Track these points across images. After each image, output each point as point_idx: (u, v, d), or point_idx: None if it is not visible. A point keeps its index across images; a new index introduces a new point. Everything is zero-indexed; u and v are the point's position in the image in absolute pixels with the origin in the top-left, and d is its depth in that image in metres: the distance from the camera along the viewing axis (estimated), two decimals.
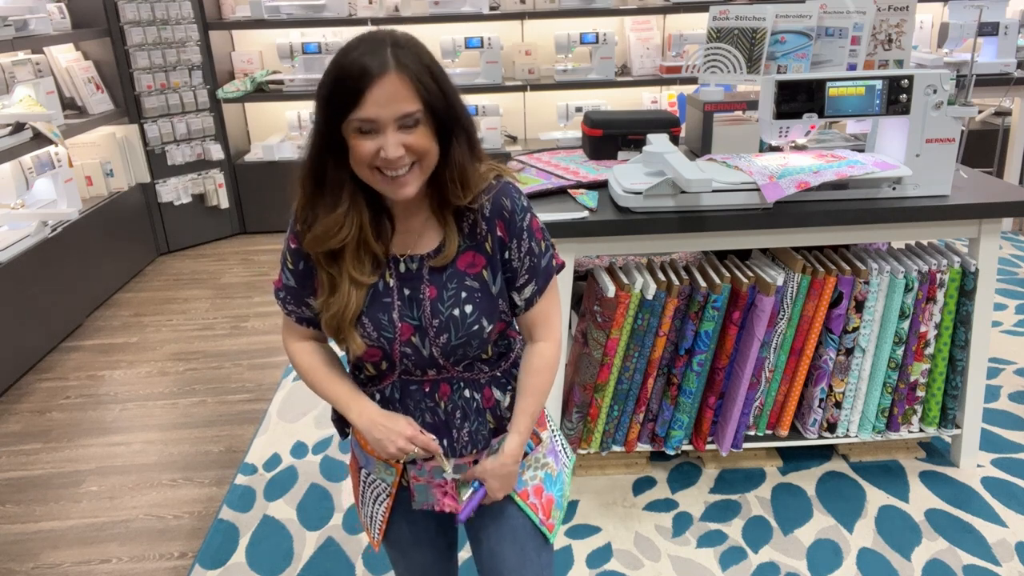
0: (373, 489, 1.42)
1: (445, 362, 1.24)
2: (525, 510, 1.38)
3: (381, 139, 1.09)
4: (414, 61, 1.09)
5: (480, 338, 1.23)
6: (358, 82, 1.06)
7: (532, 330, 1.31)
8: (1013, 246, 4.37)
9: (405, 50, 1.09)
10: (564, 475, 1.46)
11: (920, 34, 5.02)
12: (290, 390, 3.17)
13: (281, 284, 1.28)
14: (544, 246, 1.26)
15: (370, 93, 1.07)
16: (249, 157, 5.09)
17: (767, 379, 2.39)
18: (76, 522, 2.48)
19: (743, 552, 2.21)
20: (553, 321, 1.32)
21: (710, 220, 2.15)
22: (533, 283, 1.26)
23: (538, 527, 1.39)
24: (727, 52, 2.56)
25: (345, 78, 1.07)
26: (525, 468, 1.38)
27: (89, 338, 3.77)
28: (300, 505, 2.48)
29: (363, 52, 1.08)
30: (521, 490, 1.38)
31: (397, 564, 1.52)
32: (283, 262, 1.27)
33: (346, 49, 1.10)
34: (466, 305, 1.21)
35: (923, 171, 2.21)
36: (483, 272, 1.23)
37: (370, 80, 1.06)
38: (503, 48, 4.94)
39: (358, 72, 1.06)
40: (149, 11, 4.49)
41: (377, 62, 1.07)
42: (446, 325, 1.21)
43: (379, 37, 1.10)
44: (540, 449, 1.41)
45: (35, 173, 3.66)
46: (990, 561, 2.14)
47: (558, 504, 1.43)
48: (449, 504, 1.35)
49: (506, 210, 1.21)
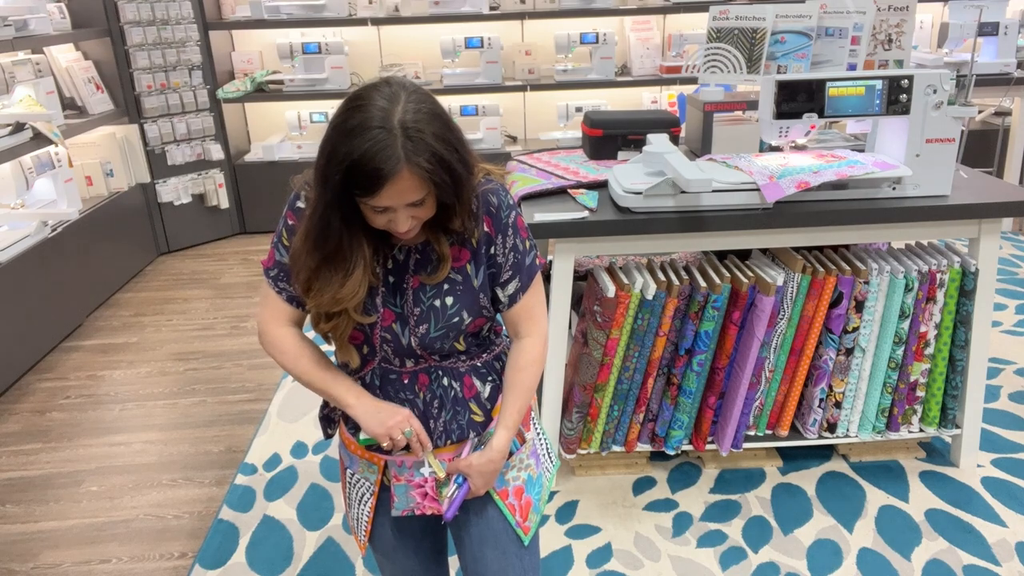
0: (358, 489, 1.43)
1: (423, 352, 1.27)
2: (503, 510, 1.38)
3: (391, 214, 1.13)
4: (424, 152, 1.07)
5: (459, 330, 1.26)
6: (372, 182, 1.07)
7: (517, 327, 1.33)
8: (1013, 246, 4.37)
9: (415, 142, 1.07)
10: (544, 479, 1.46)
11: (920, 34, 5.02)
12: (290, 390, 3.17)
13: (273, 262, 1.27)
14: (528, 245, 1.30)
15: (383, 191, 1.08)
16: (249, 157, 5.08)
17: (767, 379, 2.39)
18: (76, 522, 2.48)
19: (743, 552, 2.21)
20: (537, 317, 1.34)
21: (710, 220, 2.15)
22: (517, 280, 1.29)
23: (514, 528, 1.39)
24: (727, 52, 2.56)
25: (357, 175, 1.07)
26: (509, 468, 1.38)
27: (89, 338, 3.77)
28: (300, 505, 2.48)
29: (375, 147, 1.05)
30: (501, 489, 1.38)
31: (384, 569, 1.52)
32: (277, 239, 1.26)
33: (349, 130, 1.07)
34: (447, 297, 1.24)
35: (923, 171, 2.21)
36: (467, 266, 1.26)
37: (384, 182, 1.07)
38: (503, 48, 4.94)
39: (372, 173, 1.06)
40: (149, 11, 4.48)
41: (390, 164, 1.06)
42: (427, 315, 1.24)
43: (388, 124, 1.06)
44: (524, 449, 1.41)
45: (35, 173, 3.66)
46: (990, 561, 2.14)
47: (536, 507, 1.42)
48: (430, 507, 1.35)
49: (493, 206, 1.25)
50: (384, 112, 1.07)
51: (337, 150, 1.08)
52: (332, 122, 1.11)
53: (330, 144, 1.09)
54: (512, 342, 1.36)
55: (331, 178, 1.09)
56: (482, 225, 1.25)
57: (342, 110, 1.10)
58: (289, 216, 1.25)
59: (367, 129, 1.06)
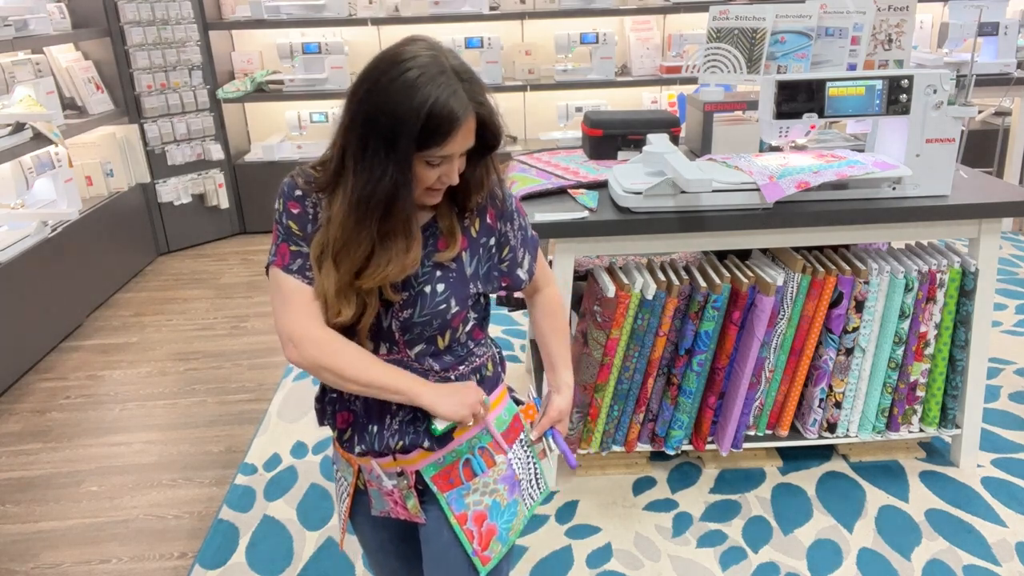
0: (340, 487, 1.43)
1: (400, 337, 1.23)
2: (459, 536, 1.30)
3: (446, 167, 1.13)
4: (481, 93, 1.12)
5: (443, 319, 1.22)
6: (448, 127, 1.08)
7: (535, 286, 1.42)
8: (1013, 246, 4.37)
9: (472, 83, 1.11)
10: (518, 507, 1.35)
11: (920, 34, 5.02)
12: (290, 390, 3.17)
13: (289, 258, 1.19)
14: (526, 220, 1.36)
15: (456, 136, 1.09)
16: (249, 157, 5.09)
17: (767, 379, 2.39)
18: (76, 522, 2.48)
19: (743, 552, 2.21)
20: (547, 272, 1.44)
21: (710, 220, 2.15)
22: (528, 254, 1.35)
23: (469, 556, 1.30)
24: (727, 52, 2.57)
25: (433, 123, 1.07)
26: (471, 491, 1.31)
27: (89, 338, 3.77)
28: (300, 505, 2.49)
29: (445, 93, 1.07)
30: (459, 513, 1.30)
31: (373, 567, 1.52)
32: (286, 234, 1.20)
33: (411, 83, 1.06)
34: (439, 284, 1.22)
35: (923, 171, 2.21)
36: (462, 254, 1.25)
37: (459, 126, 1.08)
38: (503, 48, 4.94)
39: (448, 117, 1.07)
40: (149, 11, 4.48)
41: (461, 106, 1.08)
42: (413, 300, 1.21)
43: (445, 70, 1.09)
44: (492, 473, 1.32)
45: (35, 173, 3.66)
46: (990, 561, 2.14)
47: (501, 537, 1.32)
48: (402, 513, 1.34)
49: (498, 198, 1.27)
50: (435, 60, 1.09)
51: (404, 104, 1.06)
52: (378, 85, 1.08)
53: (390, 103, 1.06)
54: (533, 297, 1.45)
55: (403, 135, 1.07)
56: (485, 217, 1.25)
57: (386, 69, 1.08)
58: (292, 206, 1.20)
59: (432, 77, 1.07)
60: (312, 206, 1.20)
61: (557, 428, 1.41)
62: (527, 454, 1.39)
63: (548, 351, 1.44)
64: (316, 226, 1.19)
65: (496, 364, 1.38)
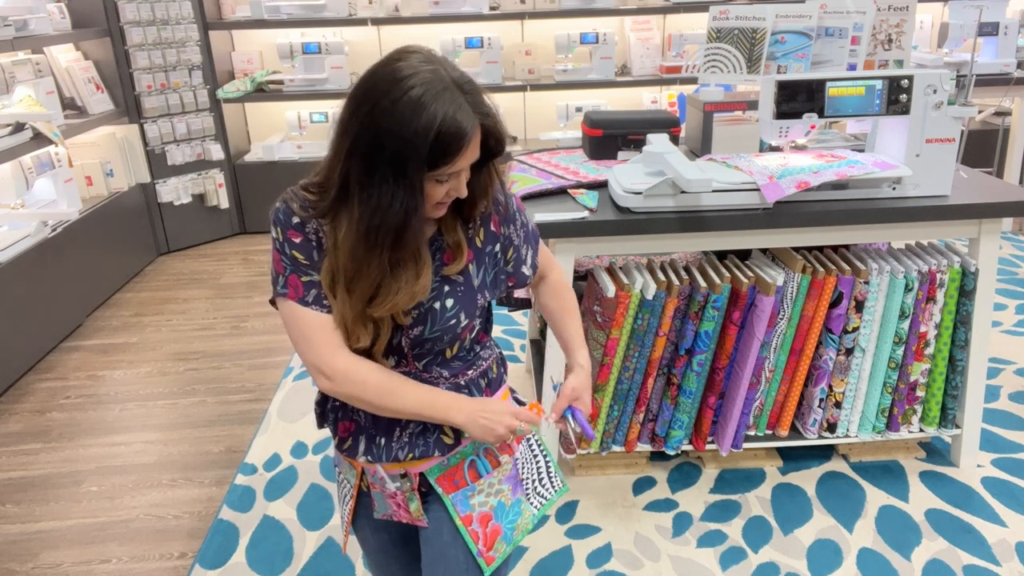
0: (342, 489, 1.42)
1: (409, 351, 1.22)
2: (464, 536, 1.30)
3: (454, 181, 1.12)
4: (484, 104, 1.10)
5: (453, 333, 1.22)
6: (457, 144, 1.05)
7: (540, 275, 1.42)
8: (1013, 246, 4.37)
9: (473, 95, 1.08)
10: (523, 507, 1.36)
11: (920, 34, 5.02)
12: (290, 390, 3.18)
13: (303, 290, 1.15)
14: (526, 217, 1.35)
15: (465, 151, 1.07)
16: (249, 157, 5.09)
17: (767, 379, 2.39)
18: (76, 522, 2.48)
19: (743, 552, 2.21)
20: (550, 260, 1.43)
21: (710, 220, 2.15)
22: (531, 249, 1.34)
23: (474, 557, 1.30)
24: (727, 52, 2.56)
25: (443, 141, 1.04)
26: (476, 492, 1.31)
27: (89, 338, 3.77)
28: (300, 505, 2.49)
29: (452, 109, 1.04)
30: (465, 514, 1.30)
31: (373, 569, 1.51)
32: (293, 266, 1.15)
33: (416, 101, 1.03)
34: (447, 299, 1.21)
35: (923, 171, 2.21)
36: (468, 266, 1.23)
37: (467, 141, 1.07)
38: (503, 48, 4.94)
39: (456, 134, 1.05)
40: (149, 11, 4.48)
41: (468, 120, 1.06)
42: (423, 317, 1.19)
43: (447, 84, 1.05)
44: (497, 474, 1.33)
45: (35, 173, 3.66)
46: (990, 561, 2.14)
47: (506, 537, 1.33)
48: (404, 516, 1.33)
49: (500, 204, 1.26)
50: (436, 75, 1.05)
51: (411, 125, 1.02)
52: (380, 106, 1.03)
53: (395, 125, 1.02)
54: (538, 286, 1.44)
55: (413, 159, 1.04)
56: (489, 225, 1.24)
57: (387, 89, 1.03)
58: (293, 235, 1.15)
59: (437, 94, 1.03)
60: (314, 232, 1.16)
61: (577, 406, 1.35)
62: (533, 454, 1.40)
63: (560, 331, 1.42)
64: (323, 253, 1.15)
65: (499, 365, 1.38)
